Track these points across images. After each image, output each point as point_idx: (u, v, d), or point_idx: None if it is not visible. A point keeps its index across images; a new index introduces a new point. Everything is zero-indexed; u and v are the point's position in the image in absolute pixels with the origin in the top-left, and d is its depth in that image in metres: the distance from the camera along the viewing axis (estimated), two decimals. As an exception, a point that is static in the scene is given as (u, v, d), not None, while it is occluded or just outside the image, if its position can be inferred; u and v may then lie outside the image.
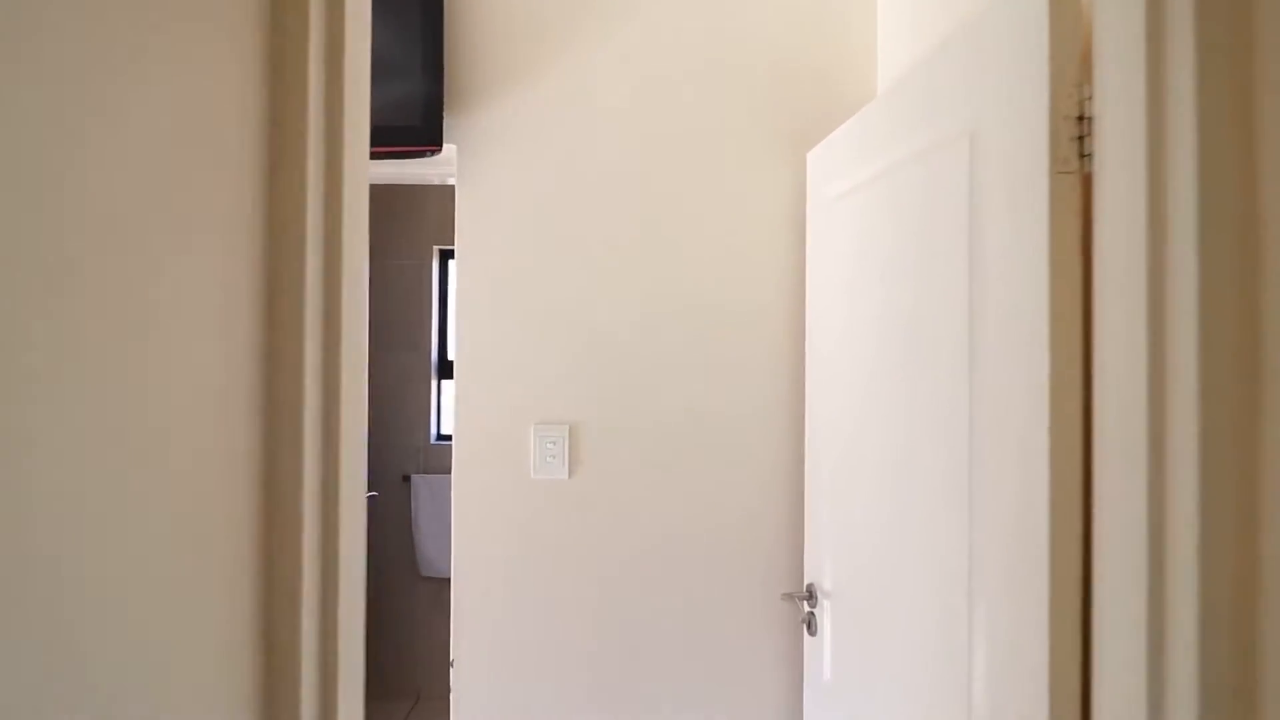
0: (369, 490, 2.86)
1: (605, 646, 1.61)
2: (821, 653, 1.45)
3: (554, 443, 1.62)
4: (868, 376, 1.28)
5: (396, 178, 1.80)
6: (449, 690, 1.63)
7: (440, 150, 1.54)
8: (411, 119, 1.51)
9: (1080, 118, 0.81)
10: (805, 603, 1.50)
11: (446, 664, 2.25)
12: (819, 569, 1.48)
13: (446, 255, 3.21)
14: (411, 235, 3.14)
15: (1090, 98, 0.79)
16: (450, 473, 1.67)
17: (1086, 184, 0.81)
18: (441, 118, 1.54)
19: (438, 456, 3.11)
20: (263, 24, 0.60)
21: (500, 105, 1.63)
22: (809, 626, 1.48)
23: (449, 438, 3.09)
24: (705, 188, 1.64)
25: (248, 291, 0.58)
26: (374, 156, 1.55)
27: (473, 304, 1.63)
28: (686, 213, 1.64)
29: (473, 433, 1.63)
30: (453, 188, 1.69)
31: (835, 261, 1.43)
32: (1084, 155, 0.80)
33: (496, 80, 1.63)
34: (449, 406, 3.19)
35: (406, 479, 3.11)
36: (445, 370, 3.20)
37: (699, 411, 1.63)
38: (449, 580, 1.74)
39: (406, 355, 3.14)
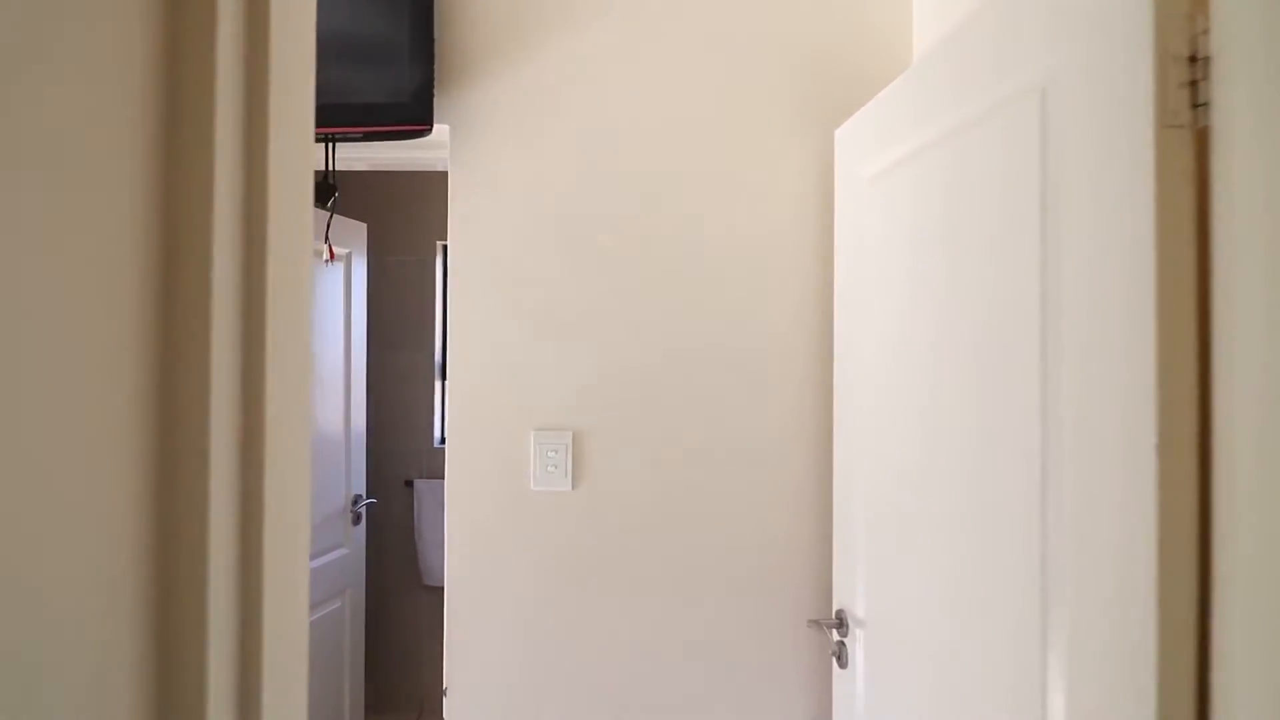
0: (367, 496, 2.75)
1: (612, 676, 1.47)
2: (854, 689, 1.29)
3: (556, 451, 1.47)
4: (911, 378, 1.12)
5: (395, 163, 1.67)
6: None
7: (430, 130, 1.40)
8: (399, 96, 1.37)
9: (1193, 58, 0.64)
10: (835, 631, 1.34)
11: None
12: (850, 594, 1.32)
13: (451, 251, 3.09)
14: (413, 228, 3.01)
15: (1207, 32, 0.63)
16: (444, 483, 1.53)
17: (1200, 140, 0.64)
18: (432, 95, 1.40)
19: (442, 461, 2.98)
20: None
21: (498, 82, 1.49)
22: (839, 659, 1.32)
23: (454, 441, 2.96)
24: (721, 170, 1.49)
25: (128, 301, 0.44)
26: (356, 138, 1.42)
27: (466, 297, 1.49)
28: (701, 198, 1.49)
29: (466, 439, 1.48)
30: (446, 173, 1.55)
31: (870, 250, 1.28)
32: (1197, 105, 0.64)
33: (494, 55, 1.49)
34: (454, 408, 3.06)
35: (409, 484, 2.98)
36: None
37: (717, 417, 1.48)
38: (443, 599, 1.60)
39: (409, 355, 3.01)
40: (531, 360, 1.48)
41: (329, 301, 2.32)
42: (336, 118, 1.37)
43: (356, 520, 2.46)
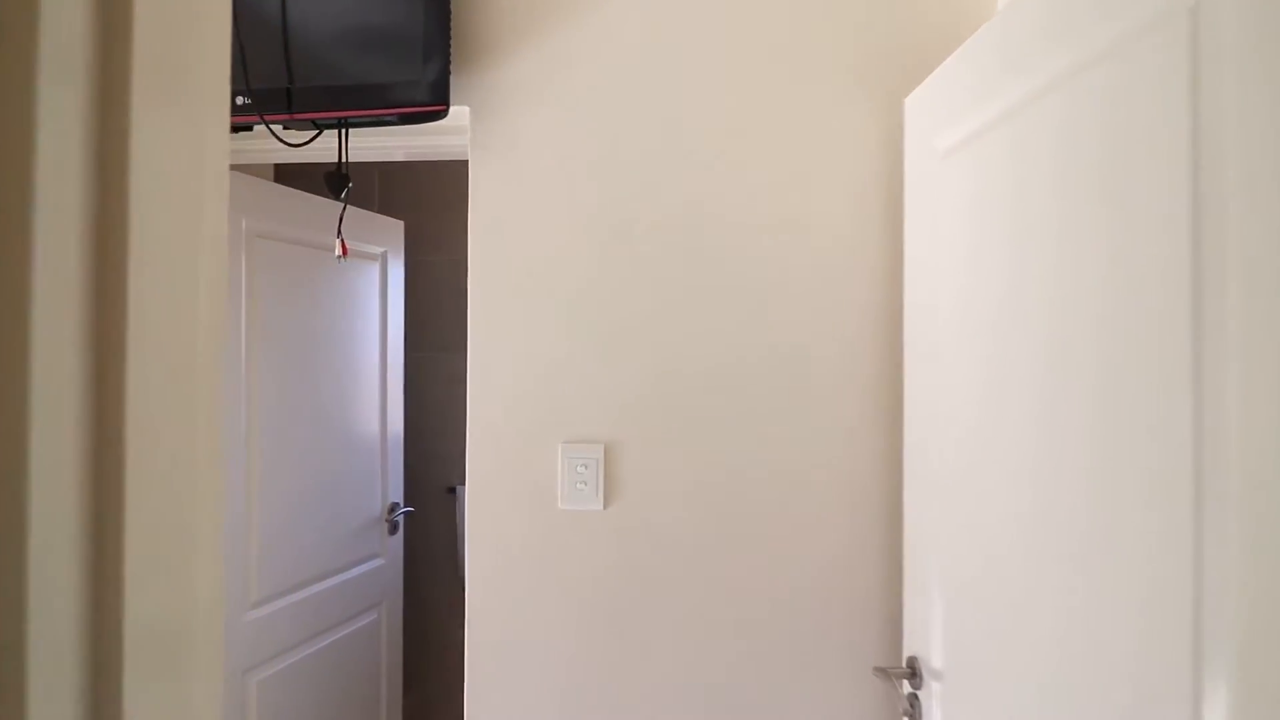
0: (405, 504, 2.67)
1: None
2: (929, 753, 1.09)
3: (585, 466, 1.32)
4: (1009, 382, 0.92)
5: (414, 152, 1.54)
6: None
7: (446, 112, 1.27)
8: (410, 75, 1.25)
9: None
10: (906, 682, 1.15)
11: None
12: (924, 639, 1.13)
13: (494, 249, 2.97)
14: (454, 226, 2.91)
15: None
16: (465, 500, 1.39)
17: None
18: (448, 74, 1.26)
19: (485, 466, 2.87)
20: None
21: (522, 57, 1.35)
22: (911, 717, 1.12)
23: (496, 446, 2.85)
24: (773, 150, 1.31)
25: None
26: (365, 122, 1.30)
27: (488, 295, 1.35)
28: (750, 182, 1.31)
29: (487, 451, 1.35)
30: (467, 160, 1.42)
31: (947, 235, 1.08)
32: None
33: (517, 27, 1.35)
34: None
35: (451, 491, 2.89)
36: (493, 373, 2.96)
37: (766, 430, 1.30)
38: (467, 625, 1.47)
39: (449, 357, 2.92)
40: (559, 366, 1.33)
41: (364, 302, 2.24)
42: (341, 100, 1.26)
43: (393, 529, 2.37)
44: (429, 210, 2.88)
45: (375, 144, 1.46)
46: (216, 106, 0.46)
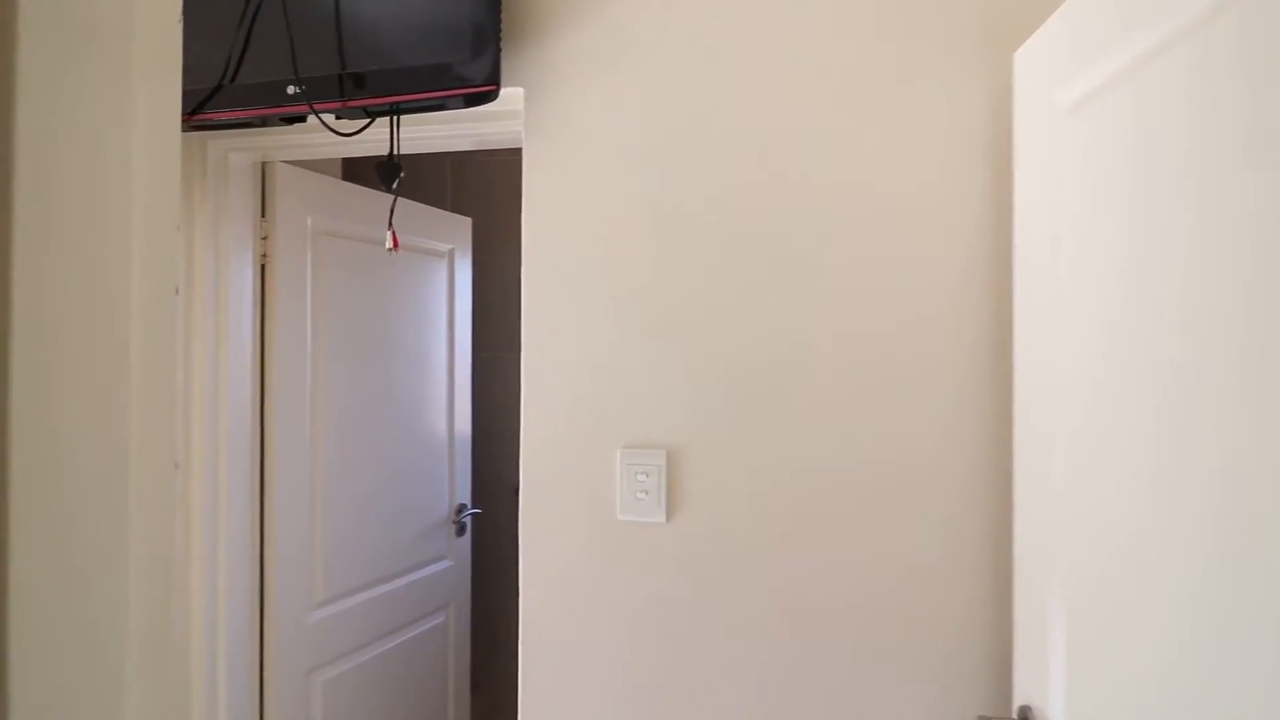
0: (472, 506, 2.63)
1: (716, 754, 1.18)
2: (1047, 822, 0.92)
3: (647, 474, 1.21)
4: (1149, 368, 0.75)
5: (476, 139, 1.47)
6: (518, 785, 1.28)
7: (497, 93, 1.19)
8: (458, 54, 1.17)
9: None
10: (1017, 735, 0.98)
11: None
12: (1039, 685, 0.96)
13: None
14: (517, 222, 2.86)
15: None
16: (520, 507, 1.31)
17: None
18: (498, 51, 1.18)
19: (554, 467, 2.81)
20: None
21: (578, 30, 1.25)
22: (1025, 778, 0.96)
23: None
24: (857, 116, 1.16)
25: None
26: (409, 108, 1.23)
27: (541, 289, 1.27)
28: (832, 153, 1.17)
29: (541, 456, 1.26)
30: (523, 146, 1.33)
31: (1072, 201, 0.91)
32: None
33: None
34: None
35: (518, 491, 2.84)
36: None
37: (850, 433, 1.15)
38: (524, 639, 1.38)
39: (515, 357, 2.87)
40: (618, 365, 1.23)
41: (432, 300, 2.21)
42: (391, 85, 1.19)
43: (461, 531, 2.33)
44: (501, 206, 2.85)
45: (429, 133, 1.40)
46: (153, 69, 0.38)
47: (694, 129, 1.21)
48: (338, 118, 1.29)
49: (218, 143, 1.55)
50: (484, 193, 2.87)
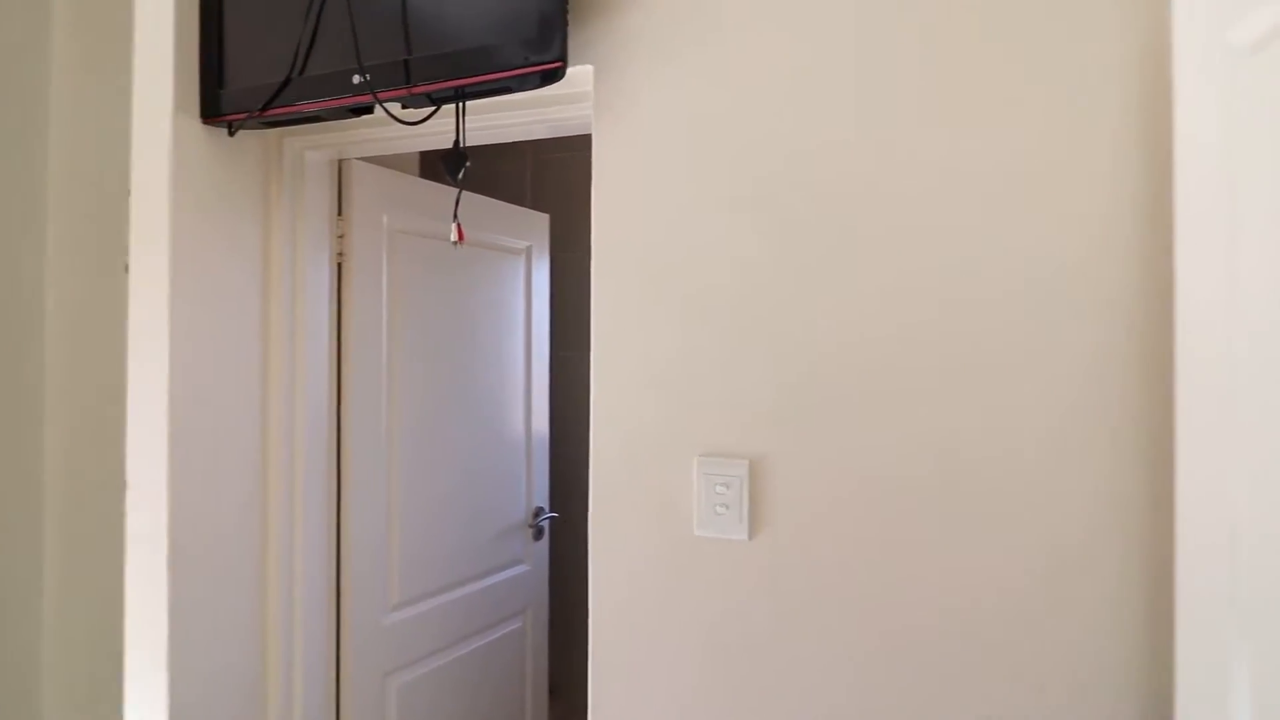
0: (550, 510, 2.58)
1: (805, 804, 1.05)
2: None
3: (726, 485, 1.09)
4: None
5: (545, 125, 1.38)
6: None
7: (563, 71, 1.09)
8: (519, 30, 1.09)
9: None
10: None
11: None
12: (1214, 761, 0.77)
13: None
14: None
15: None
16: (590, 517, 1.22)
17: None
18: (565, 25, 1.09)
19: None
20: None
21: (652, 1, 1.15)
22: None
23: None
24: (976, 66, 1.00)
25: None
26: (479, 92, 1.16)
27: (611, 277, 1.17)
28: (948, 111, 1.01)
29: (611, 462, 1.16)
30: (593, 129, 1.24)
31: (1255, 155, 0.72)
32: None
33: (646, -32, 1.15)
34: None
35: (600, 495, 2.77)
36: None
37: (966, 441, 0.99)
38: (595, 659, 1.29)
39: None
40: (692, 362, 1.12)
41: (509, 298, 2.16)
42: (454, 68, 1.13)
43: (538, 535, 2.28)
44: (580, 203, 2.78)
45: (497, 121, 1.33)
46: None
47: (777, 103, 1.08)
48: (404, 107, 1.24)
49: (294, 140, 1.55)
50: (563, 190, 2.82)
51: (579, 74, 1.19)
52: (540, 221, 2.31)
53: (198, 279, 1.37)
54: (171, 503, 1.32)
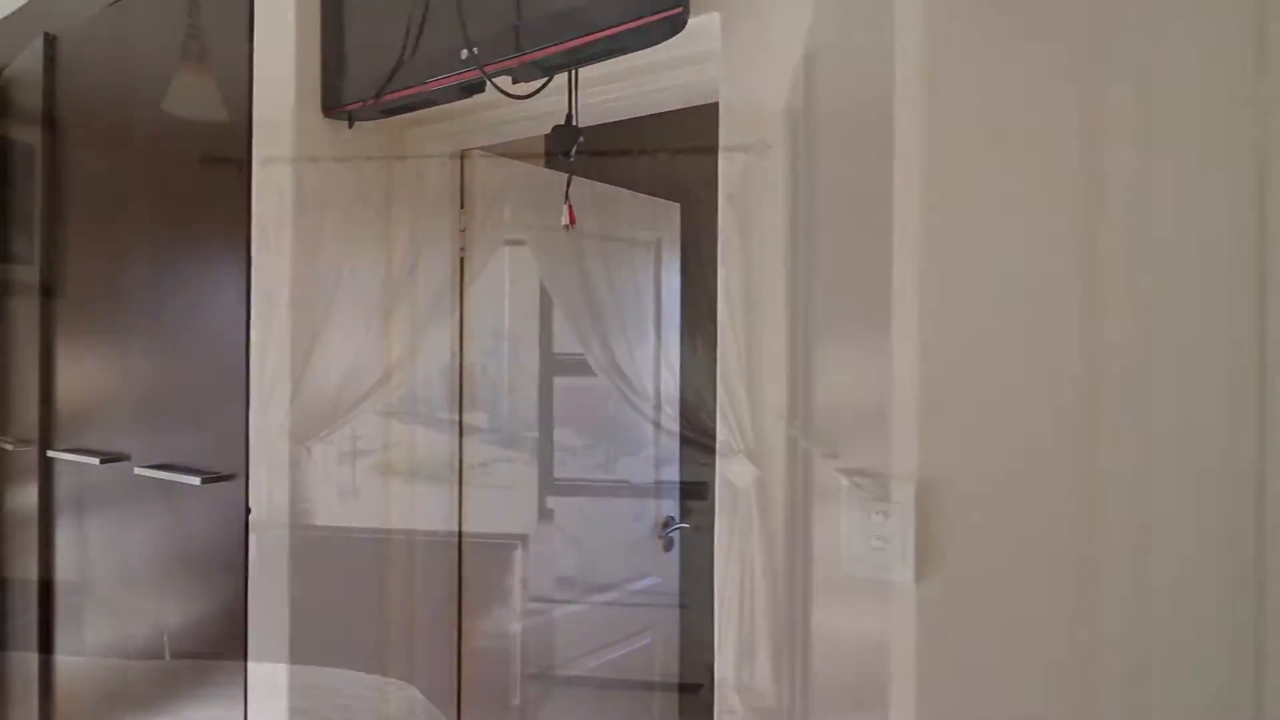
0: (679, 520, 2.42)
1: None
2: None
3: (885, 514, 0.88)
4: None
5: (678, 93, 1.23)
6: None
7: (685, 19, 0.94)
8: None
9: None
10: None
11: None
12: None
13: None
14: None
15: None
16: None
17: None
18: (687, -34, 0.93)
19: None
20: None
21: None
22: None
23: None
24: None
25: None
26: (592, 55, 1.02)
27: (742, 260, 0.99)
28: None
29: (742, 480, 0.98)
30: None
31: None
32: None
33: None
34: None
35: (736, 503, 2.58)
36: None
37: (1206, 453, 0.72)
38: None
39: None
40: (845, 360, 0.91)
41: (638, 292, 2.04)
42: (565, 30, 1.00)
43: (668, 547, 2.14)
44: (707, 192, 2.61)
45: (612, 92, 1.19)
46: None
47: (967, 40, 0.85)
48: (514, 82, 1.14)
49: (417, 130, 1.51)
50: (691, 176, 2.65)
51: (703, 26, 1.03)
52: (669, 211, 2.16)
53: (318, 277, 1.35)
54: None
